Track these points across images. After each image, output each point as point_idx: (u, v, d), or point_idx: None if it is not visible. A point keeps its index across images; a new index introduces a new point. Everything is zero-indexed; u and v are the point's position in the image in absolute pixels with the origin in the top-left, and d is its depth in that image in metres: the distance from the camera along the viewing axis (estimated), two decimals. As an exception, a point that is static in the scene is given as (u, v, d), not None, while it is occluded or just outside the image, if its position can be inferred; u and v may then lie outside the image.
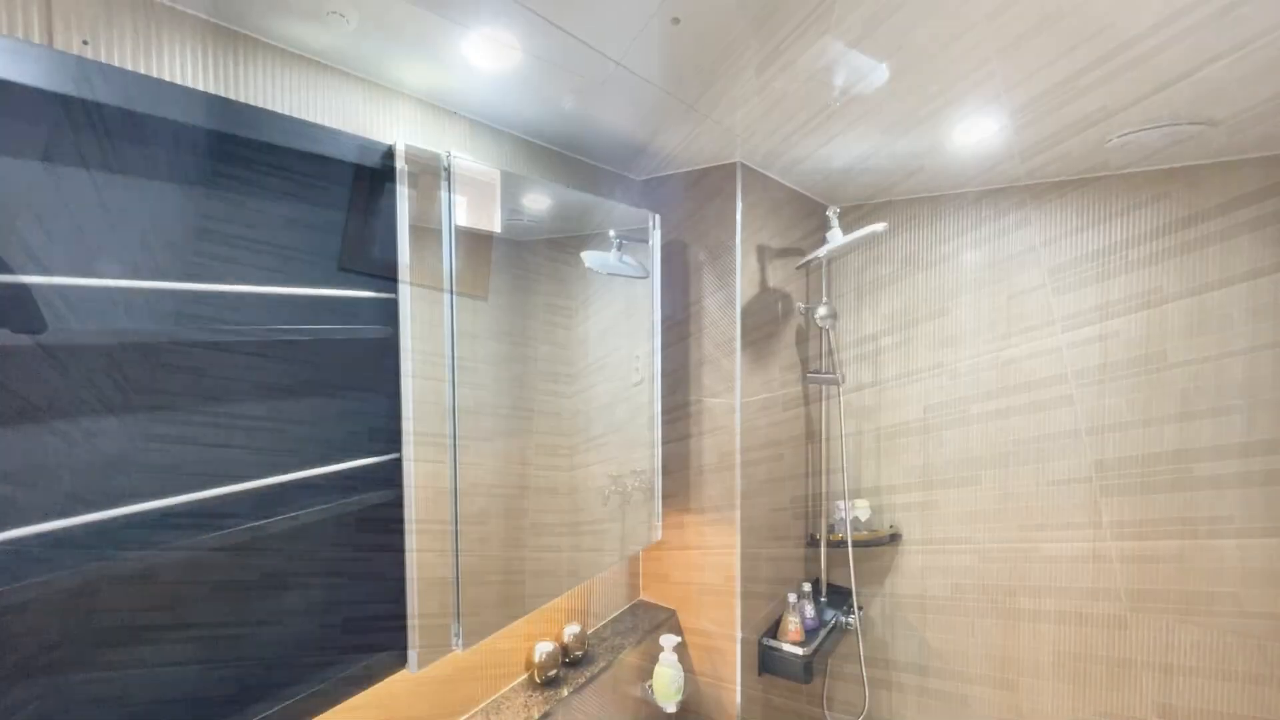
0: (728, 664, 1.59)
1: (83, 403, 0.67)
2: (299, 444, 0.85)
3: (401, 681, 1.07)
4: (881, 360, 1.98)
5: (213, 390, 0.77)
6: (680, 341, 1.62)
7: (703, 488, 1.60)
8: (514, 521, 1.10)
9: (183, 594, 0.75)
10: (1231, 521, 1.52)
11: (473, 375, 1.00)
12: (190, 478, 0.75)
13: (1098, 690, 1.71)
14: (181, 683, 0.76)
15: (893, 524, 1.99)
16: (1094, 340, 1.66)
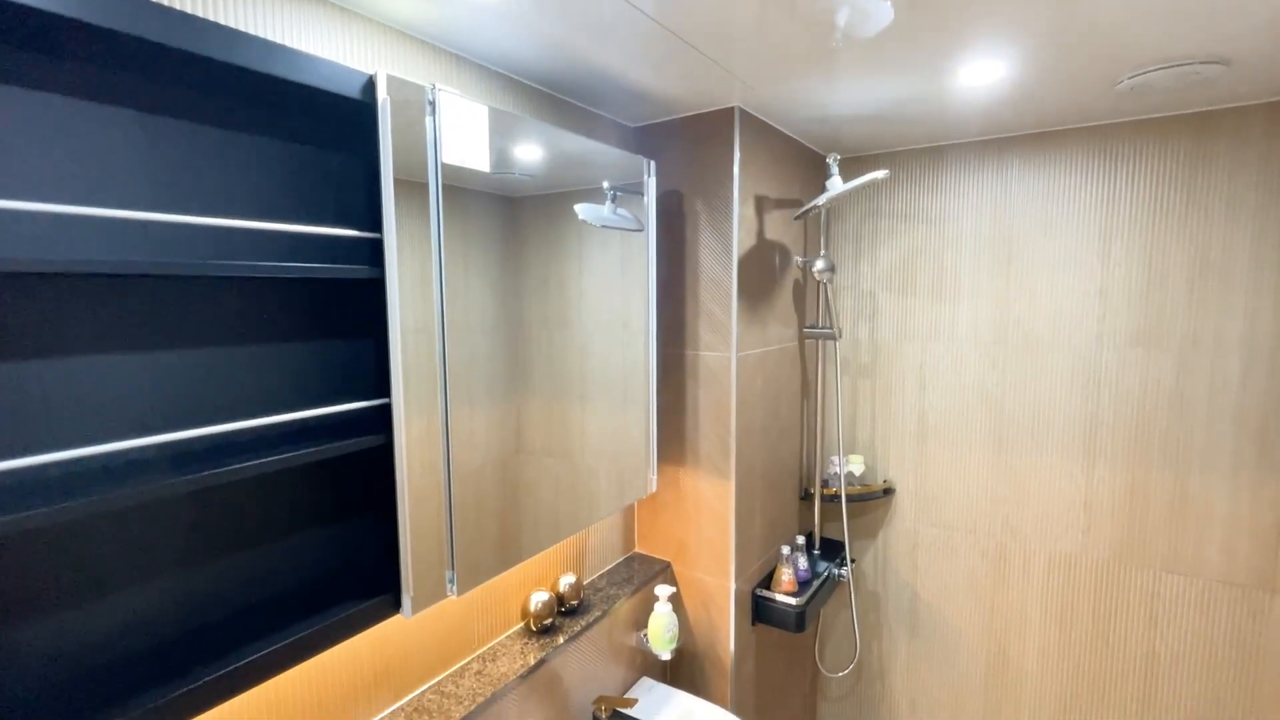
0: (721, 614, 1.61)
1: (53, 336, 0.64)
2: (286, 386, 0.83)
3: (396, 627, 1.08)
4: (879, 315, 1.96)
5: (192, 327, 0.75)
6: (676, 295, 1.59)
7: (698, 442, 1.60)
8: (508, 470, 1.09)
9: (170, 535, 0.74)
10: (1223, 474, 1.53)
11: (464, 326, 0.97)
12: (171, 417, 0.73)
13: (1084, 638, 1.74)
14: (170, 626, 0.75)
15: (886, 479, 2.00)
16: (1093, 294, 1.64)
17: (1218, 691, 1.59)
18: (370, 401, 0.88)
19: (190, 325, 0.75)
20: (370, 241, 0.87)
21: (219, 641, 0.77)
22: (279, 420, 0.78)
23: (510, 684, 1.17)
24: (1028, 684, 1.83)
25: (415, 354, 0.89)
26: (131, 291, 0.70)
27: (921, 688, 2.00)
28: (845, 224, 2.00)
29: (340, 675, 0.99)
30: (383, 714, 1.06)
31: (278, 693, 0.91)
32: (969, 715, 1.92)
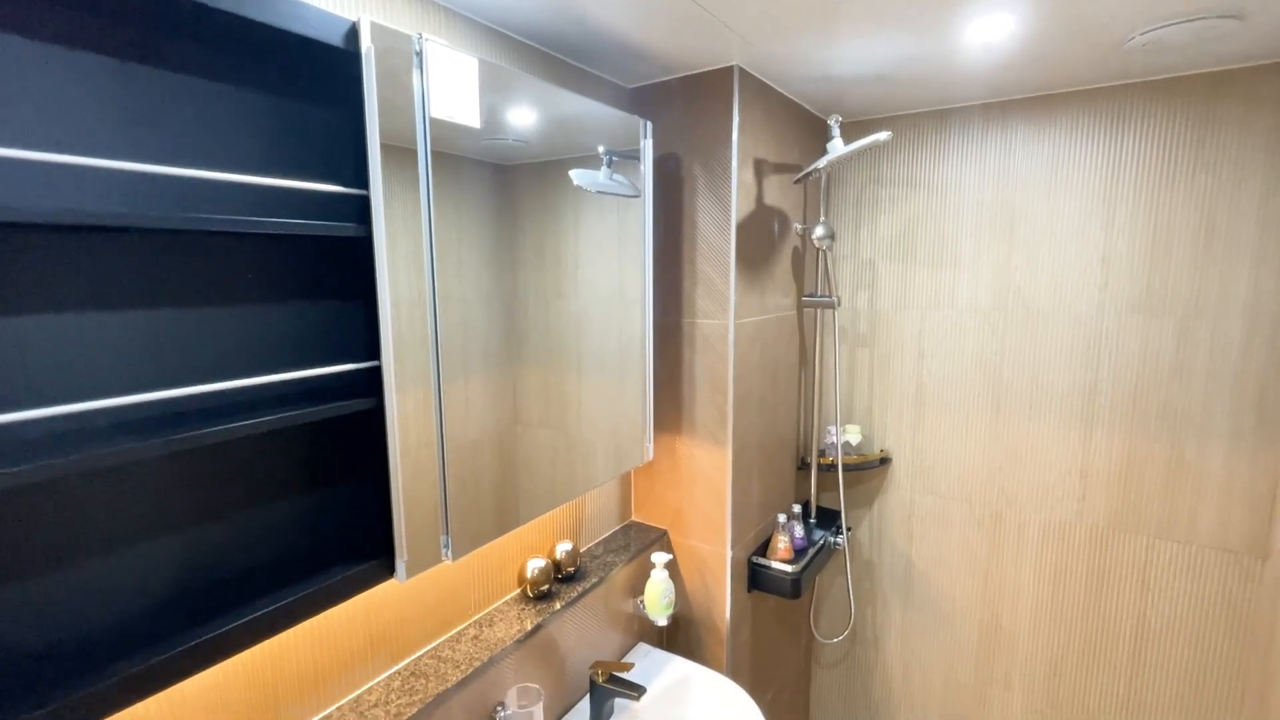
0: (718, 581, 1.62)
1: (27, 292, 0.62)
2: (273, 348, 0.81)
3: (391, 593, 1.07)
4: (878, 283, 1.94)
5: (172, 286, 0.72)
6: (673, 262, 1.57)
7: (695, 410, 1.59)
8: (503, 436, 1.07)
9: (158, 499, 0.73)
10: (1220, 441, 1.53)
11: (459, 297, 0.95)
12: (155, 377, 0.71)
13: (1076, 604, 1.76)
14: (161, 590, 0.74)
15: (883, 448, 2.00)
16: (1095, 260, 1.62)
17: (1206, 655, 1.61)
18: (360, 364, 0.86)
19: (171, 284, 0.72)
20: (357, 198, 0.84)
21: (210, 605, 0.76)
22: (266, 381, 0.76)
23: (507, 648, 1.18)
24: (1019, 649, 1.85)
25: (406, 316, 0.87)
26: (107, 246, 0.67)
27: (914, 653, 2.02)
28: (845, 191, 1.96)
29: (336, 640, 0.99)
30: (380, 678, 1.07)
31: (273, 658, 0.91)
32: (961, 679, 1.95)
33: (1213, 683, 1.61)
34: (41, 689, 0.61)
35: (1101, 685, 1.75)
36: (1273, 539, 1.48)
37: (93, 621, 0.68)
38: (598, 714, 1.33)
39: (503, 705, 1.17)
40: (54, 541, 0.65)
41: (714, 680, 1.46)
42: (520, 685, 1.18)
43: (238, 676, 0.86)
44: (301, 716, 0.95)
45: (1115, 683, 1.73)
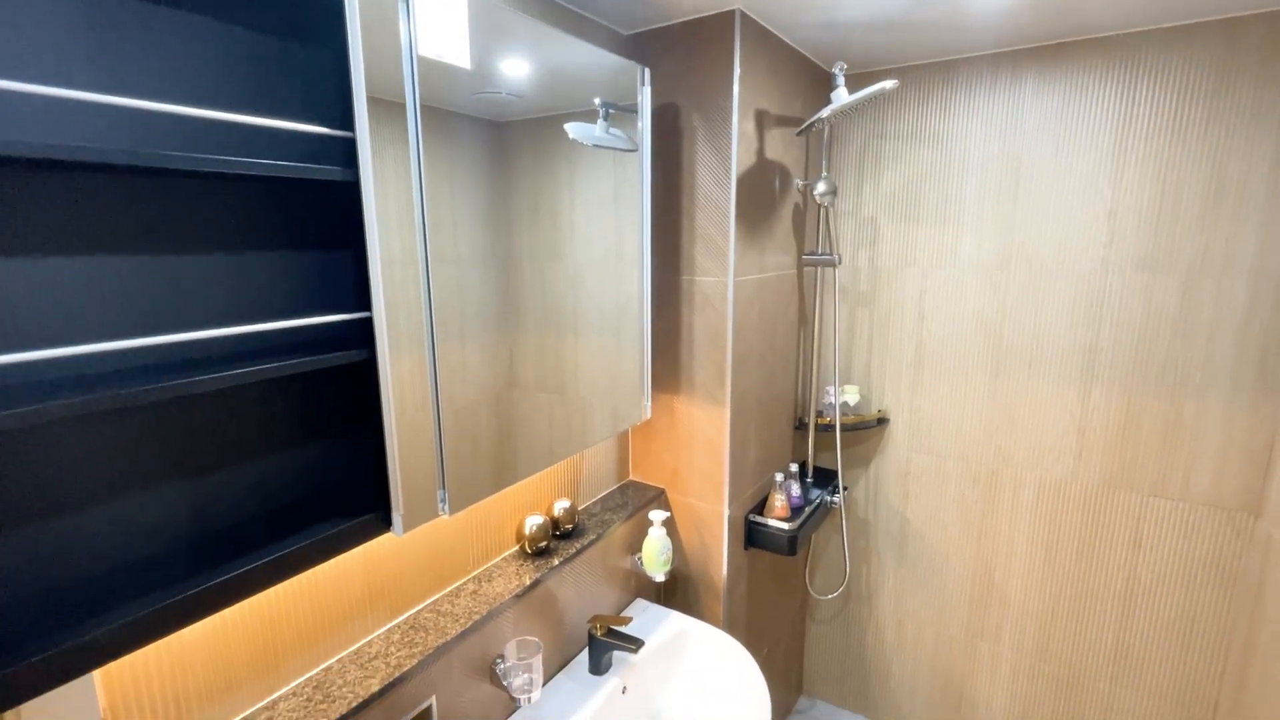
0: (715, 538, 1.63)
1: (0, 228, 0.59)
2: (260, 298, 0.79)
3: (390, 548, 1.07)
4: (879, 241, 1.91)
5: (154, 230, 0.69)
6: (671, 217, 1.53)
7: (693, 369, 1.57)
8: (499, 399, 1.06)
9: (148, 450, 0.71)
10: (1220, 399, 1.52)
11: (453, 258, 0.92)
12: (139, 325, 0.69)
13: (1068, 561, 1.79)
14: (152, 541, 0.73)
15: (881, 408, 1.99)
16: (1102, 217, 1.59)
17: (1193, 609, 1.64)
18: (351, 315, 0.84)
19: (151, 228, 0.69)
20: (342, 141, 0.80)
21: (204, 557, 0.75)
22: (254, 330, 0.74)
23: (506, 603, 1.18)
24: (1010, 603, 1.88)
25: (399, 270, 0.84)
26: (84, 186, 0.64)
27: (907, 609, 2.06)
28: (848, 147, 1.91)
29: (335, 594, 0.99)
30: (379, 631, 1.07)
31: (273, 610, 0.91)
32: (952, 634, 1.99)
33: (1199, 635, 1.65)
34: (34, 636, 0.61)
35: (1090, 638, 1.79)
36: (1267, 495, 1.49)
37: (82, 572, 0.68)
38: (596, 666, 1.35)
39: (502, 657, 1.18)
40: (39, 492, 0.64)
41: (711, 634, 1.48)
42: (519, 638, 1.19)
43: (237, 628, 0.86)
44: (302, 668, 0.96)
45: (1103, 635, 1.77)
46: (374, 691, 0.94)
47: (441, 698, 1.07)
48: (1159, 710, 1.72)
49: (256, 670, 0.90)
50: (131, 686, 0.76)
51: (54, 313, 0.63)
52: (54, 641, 0.60)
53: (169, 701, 0.80)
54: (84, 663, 0.62)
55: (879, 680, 2.16)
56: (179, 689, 0.81)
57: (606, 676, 1.34)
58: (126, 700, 0.76)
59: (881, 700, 2.17)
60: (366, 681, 0.96)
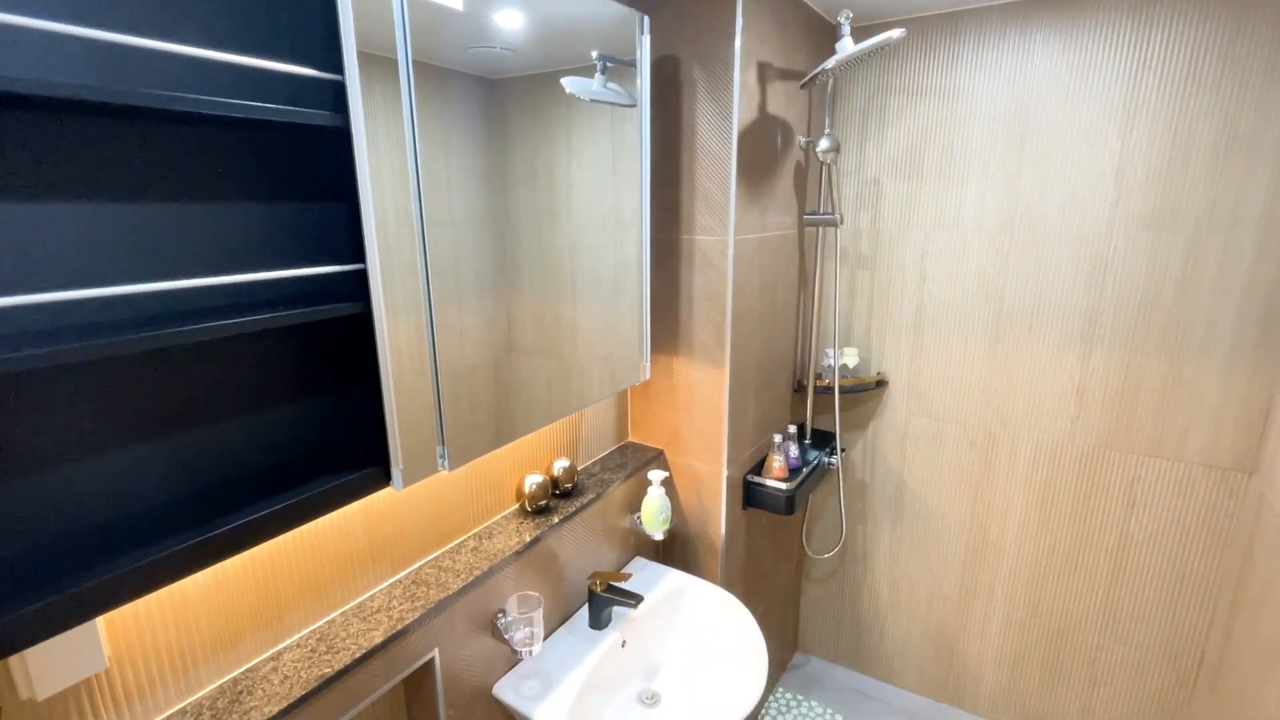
0: (713, 498, 1.64)
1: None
2: (250, 246, 0.77)
3: (390, 505, 1.08)
4: (882, 202, 1.88)
5: (133, 175, 0.67)
6: (671, 174, 1.50)
7: (692, 330, 1.56)
8: (497, 353, 1.05)
9: (142, 402, 0.70)
10: (1220, 358, 1.52)
11: (448, 221, 0.90)
12: (123, 274, 0.67)
13: (1062, 521, 1.81)
14: (149, 495, 0.73)
15: (880, 371, 1.99)
16: (1109, 173, 1.56)
17: (1183, 566, 1.67)
18: (343, 266, 0.82)
19: (135, 173, 0.67)
20: (332, 84, 0.77)
21: (205, 510, 0.75)
22: (245, 280, 0.72)
23: (507, 559, 1.19)
24: (1004, 562, 1.91)
25: (392, 228, 0.82)
26: (54, 125, 0.61)
27: (902, 568, 2.09)
28: (851, 103, 1.87)
29: (336, 549, 0.99)
30: (381, 586, 1.08)
31: (274, 564, 0.91)
32: (946, 592, 2.03)
33: (1188, 591, 1.68)
34: (34, 585, 0.61)
35: (1081, 594, 1.82)
36: (1262, 454, 1.49)
37: (83, 524, 0.67)
38: (596, 622, 1.37)
39: (503, 612, 1.20)
40: (32, 441, 0.63)
41: (709, 590, 1.50)
42: (520, 593, 1.21)
43: (239, 581, 0.87)
44: (305, 621, 0.97)
45: (1094, 592, 1.80)
46: (377, 643, 0.95)
47: (444, 650, 1.09)
48: (1145, 662, 1.76)
49: (260, 622, 0.91)
50: (136, 636, 0.77)
51: (33, 260, 0.61)
52: (55, 589, 0.60)
53: (174, 652, 0.81)
54: (85, 610, 0.62)
55: (873, 638, 2.21)
56: (183, 639, 0.82)
57: (606, 631, 1.36)
58: (131, 650, 0.77)
59: (875, 657, 2.22)
60: (369, 634, 0.97)
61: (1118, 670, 1.81)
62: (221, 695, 0.85)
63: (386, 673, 0.98)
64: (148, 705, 0.79)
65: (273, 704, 0.83)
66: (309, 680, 0.87)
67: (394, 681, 1.00)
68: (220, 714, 0.82)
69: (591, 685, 1.26)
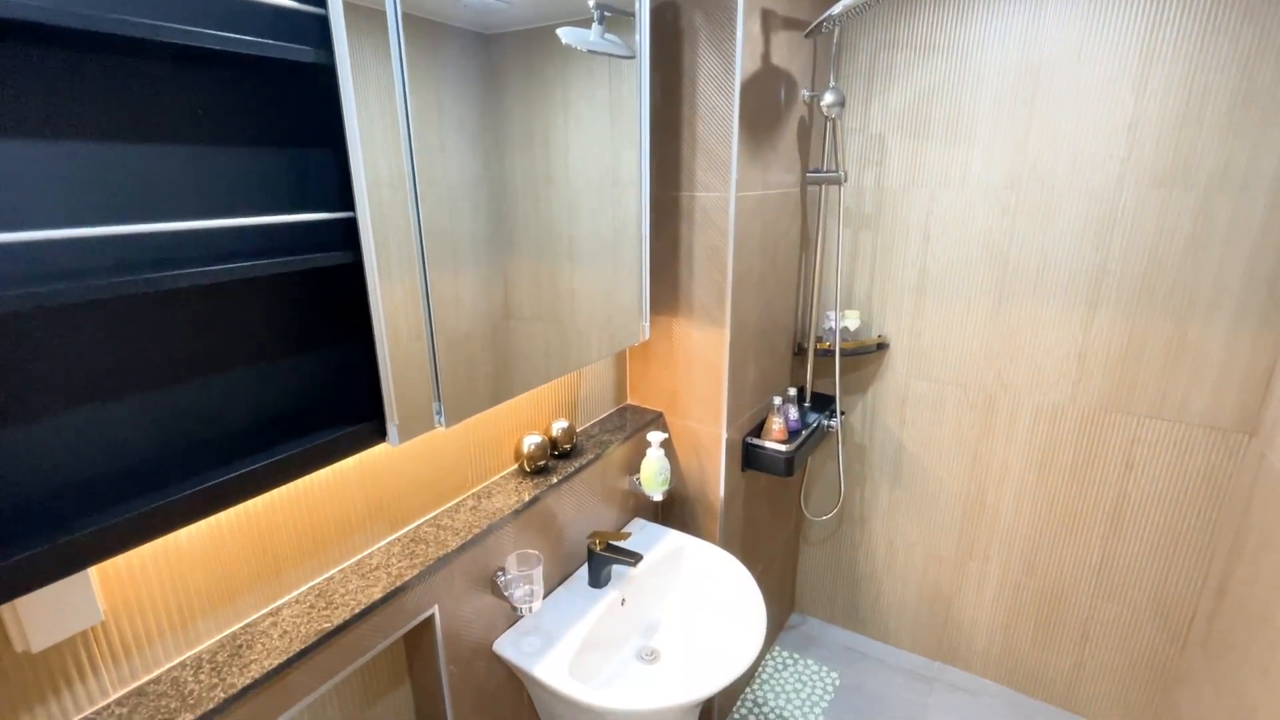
0: (712, 460, 1.64)
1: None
2: (233, 191, 0.74)
3: (387, 464, 1.06)
4: (887, 160, 1.83)
5: (108, 112, 0.64)
6: (671, 128, 1.45)
7: (692, 290, 1.53)
8: (493, 307, 1.02)
9: (127, 352, 0.68)
10: (1226, 319, 1.50)
11: (443, 182, 0.86)
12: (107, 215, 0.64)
13: (1060, 482, 1.81)
14: (138, 447, 0.71)
15: (881, 334, 1.97)
16: (1121, 129, 1.52)
17: (1179, 526, 1.68)
18: (331, 214, 0.79)
19: (98, 110, 0.63)
20: (314, 18, 0.73)
21: (197, 463, 0.74)
22: (231, 224, 0.70)
23: (505, 518, 1.19)
24: (1000, 524, 1.92)
25: (382, 171, 0.79)
26: (17, 57, 0.58)
27: (899, 530, 2.11)
28: (857, 59, 1.81)
29: (333, 506, 0.99)
30: (380, 544, 1.08)
31: (270, 521, 0.90)
32: (942, 553, 2.05)
33: (1183, 550, 1.69)
34: (23, 536, 0.59)
35: (1076, 554, 1.84)
36: (1264, 415, 1.49)
37: (70, 476, 0.66)
38: (596, 580, 1.37)
39: (503, 570, 1.20)
40: (15, 391, 0.61)
41: (708, 549, 1.51)
42: (520, 551, 1.21)
43: (235, 537, 0.86)
44: (304, 577, 0.96)
45: (1089, 552, 1.82)
46: (376, 599, 0.95)
47: (444, 607, 1.09)
48: (1137, 619, 1.79)
49: (258, 578, 0.90)
50: (132, 590, 0.76)
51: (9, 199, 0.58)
52: (44, 539, 0.59)
53: (171, 606, 0.80)
54: (76, 560, 0.61)
55: (869, 598, 2.23)
56: (180, 594, 0.81)
57: (606, 590, 1.37)
58: (128, 604, 0.76)
59: (870, 617, 2.25)
60: (368, 590, 0.97)
61: (1110, 628, 1.84)
62: (221, 649, 0.85)
63: (386, 628, 0.98)
64: (146, 658, 0.79)
65: (272, 657, 0.83)
66: (308, 635, 0.87)
67: (394, 637, 1.00)
68: (220, 667, 0.81)
69: (591, 642, 1.27)
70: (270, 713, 0.83)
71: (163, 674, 0.80)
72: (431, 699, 1.16)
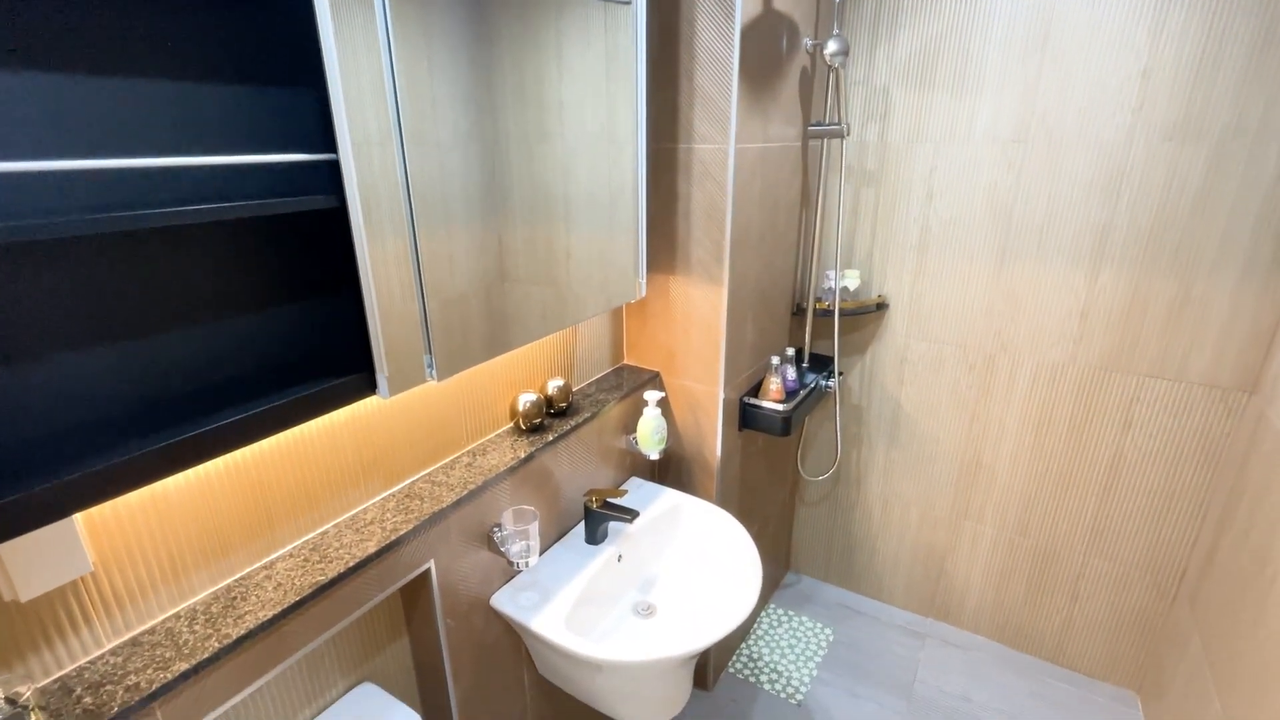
0: (709, 419, 1.63)
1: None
2: (208, 125, 0.70)
3: (380, 419, 1.05)
4: (891, 114, 1.78)
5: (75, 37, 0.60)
6: (669, 78, 1.40)
7: (690, 246, 1.50)
8: (488, 267, 0.99)
9: (106, 297, 0.66)
10: (1233, 276, 1.48)
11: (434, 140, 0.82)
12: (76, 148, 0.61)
13: (1057, 442, 1.81)
14: (122, 396, 0.69)
15: (881, 294, 1.95)
16: (1134, 77, 1.47)
17: (1174, 486, 1.69)
18: (314, 155, 0.75)
19: (68, 38, 0.60)
20: (287, -58, 0.69)
21: (181, 413, 0.72)
22: (206, 163, 0.66)
23: (501, 474, 1.18)
24: (996, 484, 1.93)
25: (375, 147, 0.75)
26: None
27: (895, 491, 2.12)
28: (862, 4, 1.74)
29: (325, 461, 0.97)
30: (374, 499, 1.07)
31: (261, 475, 0.89)
32: (937, 513, 2.06)
33: (1176, 508, 1.70)
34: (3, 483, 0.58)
35: (1070, 514, 1.85)
36: (1265, 373, 1.48)
37: (47, 424, 0.64)
38: (592, 537, 1.38)
39: (499, 526, 1.20)
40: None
41: (704, 507, 1.51)
42: (516, 507, 1.20)
43: (226, 491, 0.85)
44: (297, 532, 0.96)
45: (1083, 511, 1.83)
46: (370, 553, 0.95)
47: (440, 562, 1.09)
48: (1128, 576, 1.81)
49: (250, 533, 0.89)
50: (121, 541, 0.75)
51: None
52: (23, 486, 0.58)
53: (162, 558, 0.80)
54: (56, 507, 0.60)
55: (863, 557, 2.26)
56: (171, 547, 0.80)
57: (602, 546, 1.38)
58: (118, 555, 0.75)
59: (865, 576, 2.28)
60: (363, 544, 0.96)
61: (1100, 584, 1.86)
62: (215, 601, 0.84)
63: (382, 582, 0.98)
64: (139, 610, 0.79)
65: (267, 609, 0.83)
66: (303, 587, 0.87)
67: (390, 590, 1.00)
68: (215, 618, 0.81)
69: (588, 597, 1.28)
70: (266, 663, 0.84)
71: (157, 625, 0.80)
72: (430, 652, 1.17)
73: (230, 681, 0.80)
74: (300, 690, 1.01)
